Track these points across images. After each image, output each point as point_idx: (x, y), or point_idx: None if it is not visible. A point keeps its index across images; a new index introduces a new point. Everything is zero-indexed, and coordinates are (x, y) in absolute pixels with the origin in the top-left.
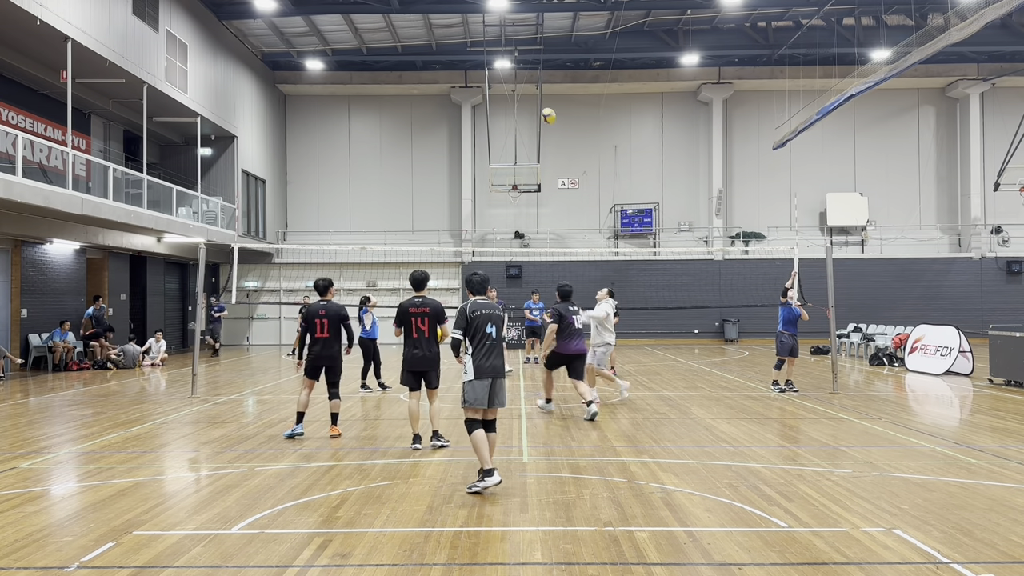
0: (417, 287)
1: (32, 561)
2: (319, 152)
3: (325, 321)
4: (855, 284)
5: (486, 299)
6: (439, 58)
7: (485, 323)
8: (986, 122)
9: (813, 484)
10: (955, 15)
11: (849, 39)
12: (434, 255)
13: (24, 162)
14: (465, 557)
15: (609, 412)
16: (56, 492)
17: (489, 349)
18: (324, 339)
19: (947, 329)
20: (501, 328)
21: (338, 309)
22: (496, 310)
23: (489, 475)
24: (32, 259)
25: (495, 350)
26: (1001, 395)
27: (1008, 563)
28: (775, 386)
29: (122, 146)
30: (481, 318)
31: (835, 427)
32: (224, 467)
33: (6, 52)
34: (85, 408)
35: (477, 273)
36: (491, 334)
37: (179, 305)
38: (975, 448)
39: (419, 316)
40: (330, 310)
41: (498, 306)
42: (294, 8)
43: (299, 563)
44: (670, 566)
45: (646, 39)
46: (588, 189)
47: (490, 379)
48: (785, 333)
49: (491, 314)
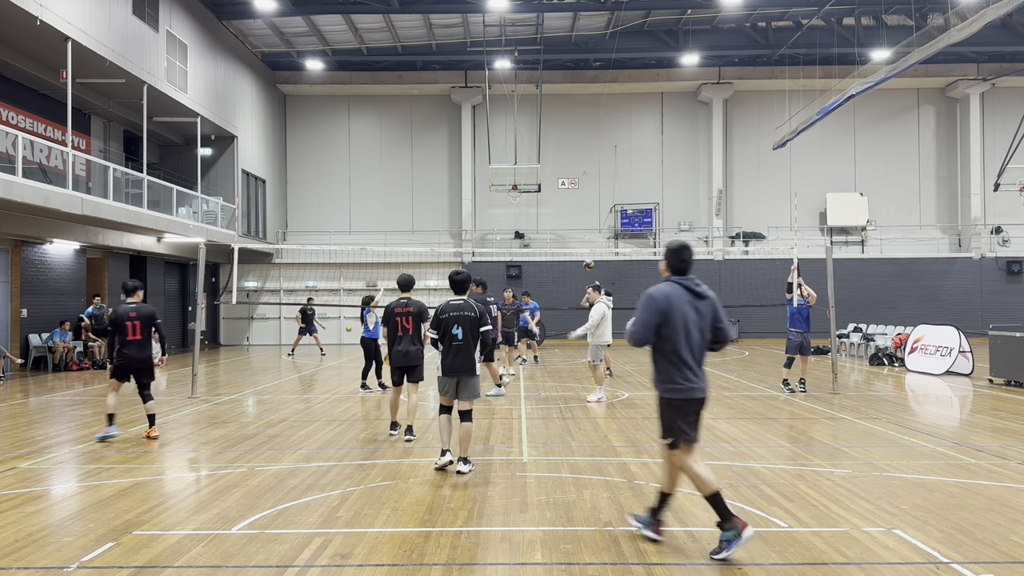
0: (404, 289)
1: (32, 561)
2: (319, 152)
3: (137, 323)
4: (855, 284)
5: (461, 299)
6: (439, 58)
7: (452, 324)
8: (986, 122)
9: (813, 484)
10: (955, 15)
11: (849, 39)
12: (434, 255)
13: (24, 162)
14: (465, 557)
15: (609, 412)
16: (56, 492)
17: (455, 349)
18: (136, 341)
19: (947, 329)
20: (469, 329)
21: (150, 312)
22: (465, 311)
23: (442, 455)
24: (32, 259)
25: (461, 350)
26: (1001, 395)
27: (1008, 563)
28: (785, 386)
29: (122, 146)
30: (448, 320)
31: (835, 427)
32: (224, 467)
33: (6, 52)
34: (85, 408)
35: (459, 272)
36: (457, 335)
37: (179, 305)
38: (975, 448)
39: (404, 315)
40: (141, 312)
41: (472, 306)
42: (294, 8)
43: (299, 563)
44: (670, 566)
45: (646, 39)
46: (588, 189)
47: (455, 376)
48: (793, 331)
49: (459, 316)
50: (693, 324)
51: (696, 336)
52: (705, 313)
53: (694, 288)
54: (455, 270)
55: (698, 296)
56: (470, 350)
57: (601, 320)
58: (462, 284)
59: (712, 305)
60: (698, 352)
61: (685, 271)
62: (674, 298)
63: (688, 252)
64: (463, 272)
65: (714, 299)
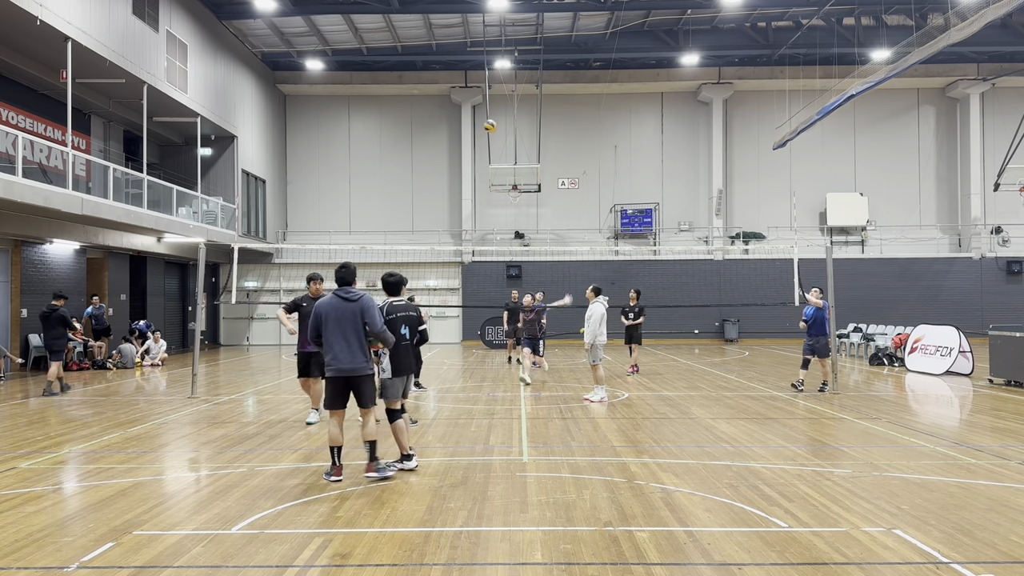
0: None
1: (32, 561)
2: (319, 152)
3: None
4: (855, 284)
5: (403, 300)
6: (439, 58)
7: (399, 325)
8: (986, 122)
9: (813, 484)
10: (955, 15)
11: (849, 39)
12: (434, 255)
13: (24, 162)
14: (465, 557)
15: (609, 412)
16: (56, 492)
17: (404, 349)
18: None
19: (947, 329)
20: (415, 329)
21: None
22: (409, 312)
23: (408, 459)
24: (32, 259)
25: (409, 349)
26: (1001, 395)
27: (1008, 563)
28: (796, 385)
29: (122, 146)
30: (396, 320)
31: (835, 427)
32: (224, 467)
33: (6, 52)
34: (85, 408)
35: (393, 274)
36: (404, 335)
37: (179, 305)
38: (975, 448)
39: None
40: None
41: (412, 306)
42: (294, 8)
43: (299, 563)
44: (670, 566)
45: (646, 39)
46: (588, 189)
47: (405, 375)
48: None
49: (405, 316)
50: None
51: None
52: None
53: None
54: (389, 272)
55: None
56: (413, 349)
57: (600, 321)
58: (396, 285)
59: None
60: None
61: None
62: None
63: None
64: (396, 274)
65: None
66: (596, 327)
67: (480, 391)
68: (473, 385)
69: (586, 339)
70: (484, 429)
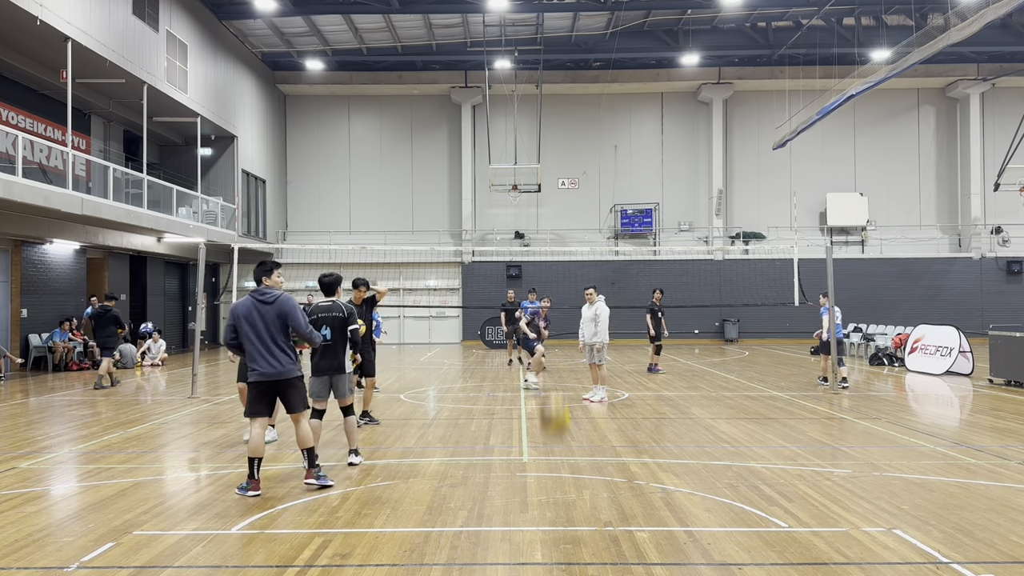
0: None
1: (32, 561)
2: (319, 152)
3: None
4: (855, 284)
5: (330, 301)
6: (439, 58)
7: (321, 325)
8: (986, 122)
9: (813, 484)
10: (955, 15)
11: (849, 39)
12: (434, 255)
13: (24, 162)
14: (465, 557)
15: (609, 412)
16: (56, 492)
17: (324, 349)
18: None
19: (947, 329)
20: (338, 329)
21: None
22: (333, 312)
23: (355, 454)
24: (32, 259)
25: (329, 350)
26: (1001, 395)
27: (1008, 563)
28: (842, 384)
29: (122, 146)
30: (318, 321)
31: (835, 427)
32: (224, 467)
33: (6, 52)
34: (85, 408)
35: (329, 274)
36: (325, 335)
37: (179, 305)
38: (975, 448)
39: None
40: None
41: (340, 307)
42: (294, 8)
43: (299, 563)
44: (670, 566)
45: (646, 39)
46: (588, 189)
47: (327, 375)
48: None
49: (327, 316)
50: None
51: None
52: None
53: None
54: (325, 272)
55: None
56: (337, 350)
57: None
58: (331, 286)
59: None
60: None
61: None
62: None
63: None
64: (333, 274)
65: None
66: (605, 325)
67: (480, 391)
68: (473, 385)
69: (603, 339)
70: (484, 429)
